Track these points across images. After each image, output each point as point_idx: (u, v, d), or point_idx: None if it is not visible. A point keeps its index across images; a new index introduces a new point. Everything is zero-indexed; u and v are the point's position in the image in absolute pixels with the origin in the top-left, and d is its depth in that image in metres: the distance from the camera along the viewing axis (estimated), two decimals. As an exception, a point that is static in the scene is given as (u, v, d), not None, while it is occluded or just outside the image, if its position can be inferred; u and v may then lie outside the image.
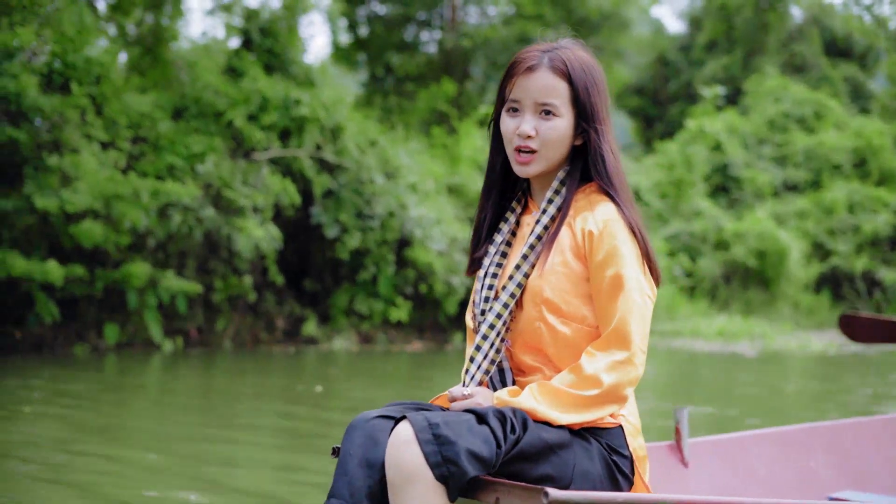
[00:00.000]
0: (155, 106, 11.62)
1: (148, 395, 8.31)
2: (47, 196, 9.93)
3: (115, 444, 5.89)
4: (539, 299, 2.40)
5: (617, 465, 2.36)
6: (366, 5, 24.32)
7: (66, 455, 5.42)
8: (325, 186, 12.24)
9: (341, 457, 2.25)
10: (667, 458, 3.06)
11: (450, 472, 2.12)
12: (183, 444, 5.94)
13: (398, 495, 2.15)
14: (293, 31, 13.35)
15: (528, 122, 2.43)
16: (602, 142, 2.43)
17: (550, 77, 2.42)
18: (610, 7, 23.04)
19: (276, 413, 7.27)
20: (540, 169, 2.45)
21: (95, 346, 11.07)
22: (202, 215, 11.15)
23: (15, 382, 8.54)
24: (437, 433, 2.14)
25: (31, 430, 6.22)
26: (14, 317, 10.86)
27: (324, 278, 12.95)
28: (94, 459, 5.33)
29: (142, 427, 6.65)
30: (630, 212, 2.40)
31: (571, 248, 2.41)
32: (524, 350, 2.46)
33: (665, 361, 12.06)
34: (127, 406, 7.69)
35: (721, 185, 20.52)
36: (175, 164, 11.25)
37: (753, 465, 3.21)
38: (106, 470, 5.06)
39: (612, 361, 2.30)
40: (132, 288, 10.84)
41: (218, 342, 11.88)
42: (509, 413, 2.25)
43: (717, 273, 17.85)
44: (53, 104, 9.93)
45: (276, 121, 12.03)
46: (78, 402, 7.57)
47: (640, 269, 2.37)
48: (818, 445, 3.37)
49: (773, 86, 22.65)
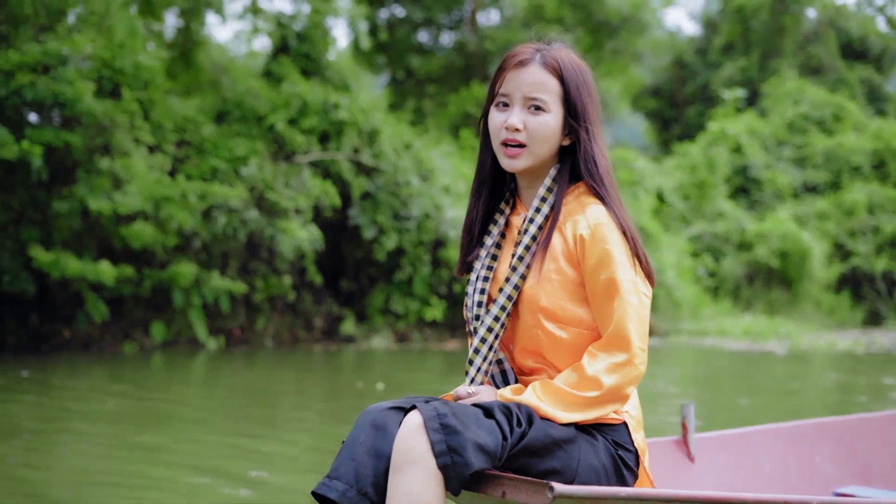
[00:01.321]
0: (198, 110, 11.89)
1: (219, 392, 8.58)
2: (100, 198, 10.20)
3: (207, 430, 6.15)
4: (535, 307, 2.41)
5: (623, 459, 2.38)
6: (386, 8, 24.58)
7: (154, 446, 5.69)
8: (362, 188, 12.50)
9: (349, 441, 2.26)
10: (673, 453, 3.07)
11: (453, 462, 2.14)
12: (265, 439, 6.20)
13: (396, 475, 2.18)
14: (328, 37, 13.62)
15: (516, 116, 2.42)
16: (593, 143, 2.43)
17: (541, 73, 2.42)
18: (629, 10, 23.26)
19: (350, 409, 7.43)
20: (527, 164, 2.44)
21: (142, 344, 11.34)
22: (246, 217, 11.42)
23: (86, 383, 8.83)
24: (445, 423, 2.17)
25: (107, 424, 6.49)
26: (63, 316, 11.15)
27: (359, 278, 13.21)
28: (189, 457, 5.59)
29: (223, 427, 6.90)
30: (620, 213, 2.39)
31: (564, 253, 2.41)
32: (524, 355, 2.47)
33: (702, 360, 12.30)
34: (213, 400, 7.96)
35: (741, 186, 20.75)
36: (219, 168, 11.53)
37: (759, 460, 3.22)
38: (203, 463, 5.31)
39: (612, 363, 2.32)
40: (178, 288, 11.11)
41: (259, 341, 12.15)
42: (515, 408, 2.28)
43: (740, 273, 18.09)
44: (105, 109, 10.19)
45: (315, 124, 12.30)
46: (160, 395, 7.85)
47: (633, 268, 2.37)
48: (824, 441, 3.38)
49: (792, 88, 22.87)
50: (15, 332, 10.91)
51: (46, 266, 10.01)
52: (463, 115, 18.38)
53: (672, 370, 11.07)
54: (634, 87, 27.36)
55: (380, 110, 13.12)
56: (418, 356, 11.82)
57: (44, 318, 11.13)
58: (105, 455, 5.43)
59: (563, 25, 22.87)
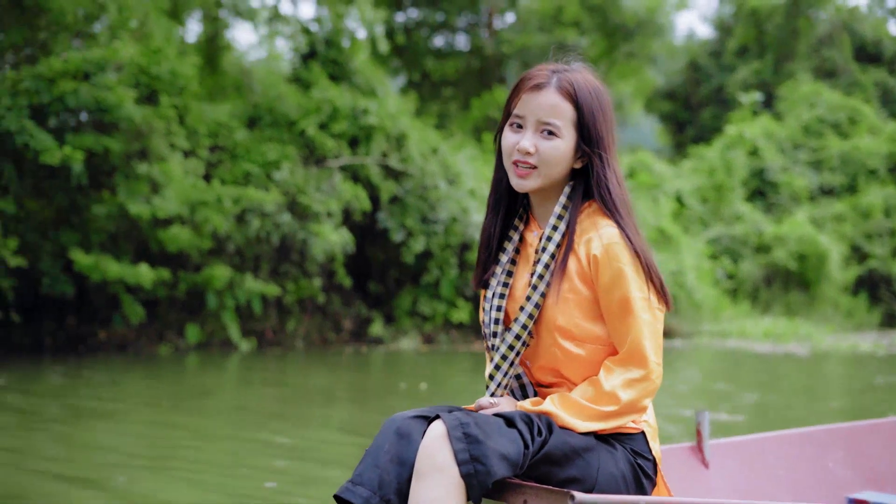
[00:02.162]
0: (230, 115, 12.10)
1: (277, 393, 8.75)
2: (139, 203, 10.41)
3: (300, 427, 6.34)
4: (552, 326, 2.45)
5: (642, 467, 2.43)
6: (402, 11, 24.77)
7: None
8: (391, 192, 12.70)
9: (373, 448, 2.30)
10: (688, 460, 3.10)
11: (475, 471, 2.18)
12: (328, 438, 6.38)
13: (419, 482, 2.21)
14: (356, 43, 13.81)
15: (528, 139, 2.44)
16: (607, 169, 2.45)
17: (556, 97, 2.43)
18: (645, 14, 23.45)
19: (400, 409, 7.61)
20: (537, 185, 2.46)
21: (176, 345, 11.54)
22: (279, 220, 11.62)
23: (141, 384, 9.02)
24: (468, 432, 2.21)
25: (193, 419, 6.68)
26: (100, 318, 11.36)
27: (386, 281, 13.40)
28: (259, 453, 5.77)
29: (284, 429, 7.08)
30: (634, 237, 2.41)
31: (578, 273, 2.44)
32: (542, 371, 2.52)
33: (735, 362, 12.46)
34: (284, 400, 8.15)
35: (758, 189, 20.93)
36: (251, 172, 11.73)
37: (773, 466, 3.24)
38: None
39: (629, 378, 2.38)
40: (212, 290, 11.31)
41: (290, 342, 12.34)
42: (535, 418, 2.33)
43: (758, 275, 18.26)
44: (144, 115, 10.39)
45: (345, 129, 12.50)
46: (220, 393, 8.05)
47: (646, 285, 2.40)
48: (837, 446, 3.39)
49: (807, 91, 23.05)
50: (52, 334, 11.12)
51: (87, 269, 10.20)
52: (485, 118, 18.56)
53: (714, 371, 11.26)
54: (647, 90, 27.53)
55: (406, 115, 13.31)
56: (448, 357, 12.00)
57: (81, 320, 11.34)
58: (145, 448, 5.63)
59: (579, 29, 23.07)
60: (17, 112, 9.71)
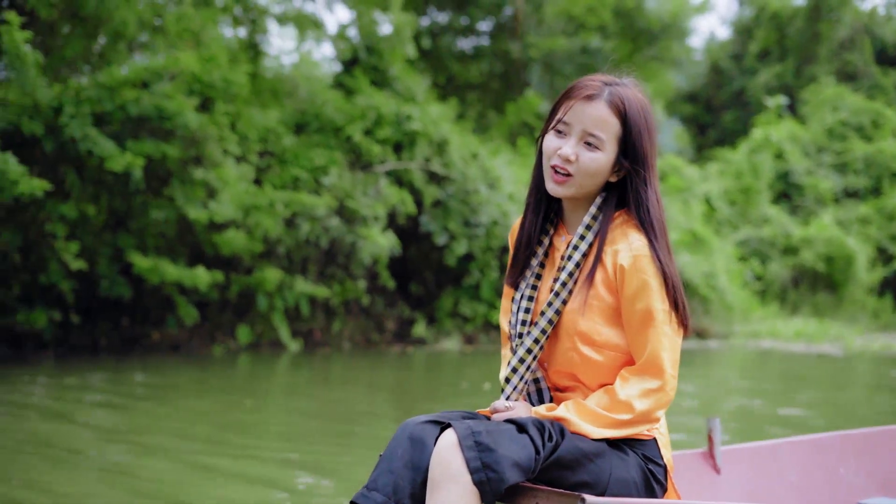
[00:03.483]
0: (278, 122, 12.39)
1: (362, 391, 9.03)
2: (197, 207, 10.70)
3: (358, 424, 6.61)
4: (573, 331, 2.48)
5: (653, 473, 2.47)
6: (427, 16, 25.02)
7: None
8: (434, 196, 12.98)
9: (387, 454, 2.35)
10: (700, 466, 3.12)
11: (487, 478, 2.21)
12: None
13: (434, 492, 2.25)
14: (396, 49, 14.09)
15: (570, 146, 2.46)
16: (648, 188, 2.49)
17: (605, 111, 2.45)
18: (669, 18, 23.69)
19: (467, 407, 7.81)
20: (571, 193, 2.50)
21: (227, 346, 11.83)
22: (328, 224, 11.91)
23: (191, 382, 9.30)
24: (479, 440, 2.24)
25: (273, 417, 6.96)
26: (153, 319, 11.66)
27: (427, 282, 13.69)
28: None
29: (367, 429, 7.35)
30: (664, 258, 2.45)
31: (604, 281, 2.48)
32: (559, 375, 2.56)
33: (772, 361, 12.69)
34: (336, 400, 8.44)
35: (783, 191, 21.17)
36: (300, 177, 12.02)
37: (784, 471, 3.25)
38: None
39: (644, 389, 2.42)
40: (263, 292, 11.60)
41: (335, 343, 12.63)
42: (548, 424, 2.36)
43: (786, 277, 18.51)
44: (201, 122, 10.68)
45: (389, 135, 12.79)
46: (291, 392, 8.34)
47: (668, 301, 2.44)
48: (848, 452, 3.40)
49: (831, 95, 23.27)
50: (107, 335, 11.42)
51: (146, 272, 10.49)
52: (520, 123, 18.83)
53: (761, 371, 11.48)
54: (668, 93, 27.75)
55: (447, 120, 13.60)
56: (493, 357, 12.28)
57: (134, 321, 11.64)
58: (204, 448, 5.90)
59: (604, 34, 23.31)
60: (81, 120, 10.00)
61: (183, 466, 5.17)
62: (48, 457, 5.33)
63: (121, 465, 5.17)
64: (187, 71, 10.92)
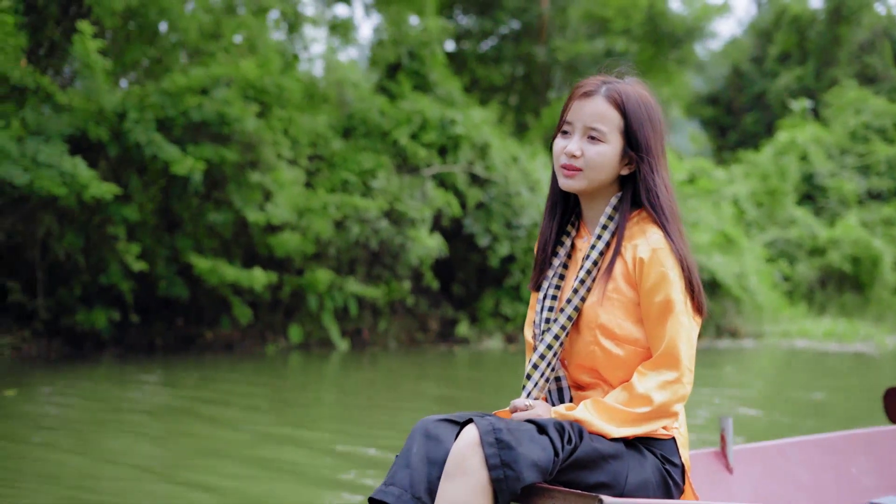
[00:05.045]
0: (327, 126, 12.70)
1: (434, 385, 9.32)
2: (254, 210, 11.02)
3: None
4: (594, 325, 2.52)
5: (670, 473, 2.49)
6: (451, 19, 25.28)
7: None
8: (476, 199, 13.29)
9: (404, 452, 2.39)
10: (712, 465, 3.14)
11: (505, 476, 2.24)
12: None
13: (447, 482, 2.29)
14: (436, 55, 14.39)
15: (574, 143, 2.53)
16: (655, 175, 2.53)
17: (604, 104, 2.52)
18: (693, 22, 23.92)
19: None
20: (583, 186, 2.55)
21: (278, 345, 12.14)
22: (377, 227, 12.22)
23: (257, 379, 9.60)
24: (500, 438, 2.27)
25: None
26: (207, 319, 11.97)
27: (469, 283, 13.99)
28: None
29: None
30: (679, 244, 2.50)
31: (623, 274, 2.52)
32: (580, 370, 2.59)
33: (811, 361, 12.93)
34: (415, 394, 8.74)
35: (807, 193, 21.45)
36: (349, 180, 12.33)
37: (796, 471, 3.27)
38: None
39: (662, 381, 2.44)
40: (313, 293, 11.91)
41: (381, 342, 12.94)
42: (567, 425, 2.38)
43: (813, 278, 18.79)
44: (258, 126, 10.99)
45: (434, 139, 13.09)
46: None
47: (686, 295, 2.48)
48: (859, 452, 3.42)
49: (853, 98, 23.54)
50: (163, 335, 11.73)
51: (205, 273, 10.80)
52: (554, 126, 19.10)
53: (806, 370, 11.71)
54: (688, 95, 27.97)
55: (488, 124, 13.90)
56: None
57: (189, 321, 11.95)
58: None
59: (629, 37, 23.57)
60: (144, 125, 10.31)
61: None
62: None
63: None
64: (243, 77, 11.22)
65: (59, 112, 10.11)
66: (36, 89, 9.99)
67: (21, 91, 9.97)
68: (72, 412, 7.02)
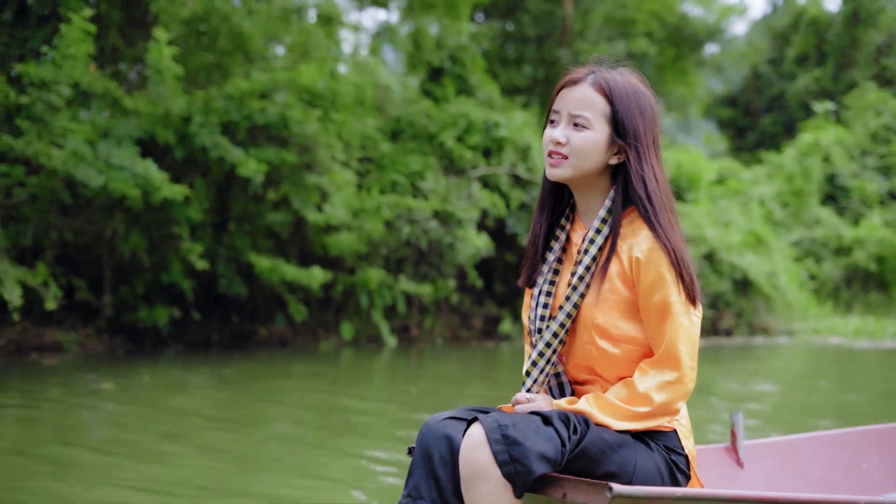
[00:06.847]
0: (375, 129, 13.07)
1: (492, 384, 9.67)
2: (312, 210, 11.38)
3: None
4: (590, 325, 2.49)
5: (675, 463, 2.48)
6: (475, 22, 25.62)
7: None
8: (519, 200, 13.65)
9: (419, 457, 2.38)
10: (723, 459, 3.15)
11: (516, 471, 2.23)
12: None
13: (469, 491, 2.28)
14: (477, 59, 14.75)
15: (560, 131, 2.48)
16: (643, 163, 2.47)
17: (589, 92, 2.48)
18: (713, 25, 24.31)
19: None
20: (569, 174, 2.49)
21: (330, 341, 12.50)
22: (427, 227, 12.58)
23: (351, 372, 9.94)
24: (506, 434, 2.25)
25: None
26: (261, 317, 12.33)
27: (510, 282, 14.35)
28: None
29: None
30: (671, 237, 2.44)
31: (619, 274, 2.48)
32: (577, 369, 2.57)
33: (849, 358, 13.18)
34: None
35: (829, 194, 21.82)
36: (397, 181, 12.70)
37: (807, 466, 3.28)
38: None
39: (662, 381, 2.42)
40: (364, 290, 12.26)
41: (428, 339, 13.30)
42: (572, 415, 2.38)
43: (839, 277, 19.16)
44: (315, 129, 11.34)
45: (479, 142, 13.46)
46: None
47: (683, 291, 2.45)
48: (871, 448, 3.42)
49: (873, 100, 23.91)
50: (219, 331, 12.09)
51: (266, 272, 11.15)
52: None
53: (850, 366, 11.97)
54: (707, 97, 28.32)
55: (529, 127, 14.26)
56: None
57: (244, 318, 12.31)
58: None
59: (651, 39, 23.93)
60: (209, 129, 10.67)
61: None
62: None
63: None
64: (300, 82, 11.56)
65: (126, 116, 10.47)
66: (104, 94, 10.35)
67: (88, 96, 10.32)
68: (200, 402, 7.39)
